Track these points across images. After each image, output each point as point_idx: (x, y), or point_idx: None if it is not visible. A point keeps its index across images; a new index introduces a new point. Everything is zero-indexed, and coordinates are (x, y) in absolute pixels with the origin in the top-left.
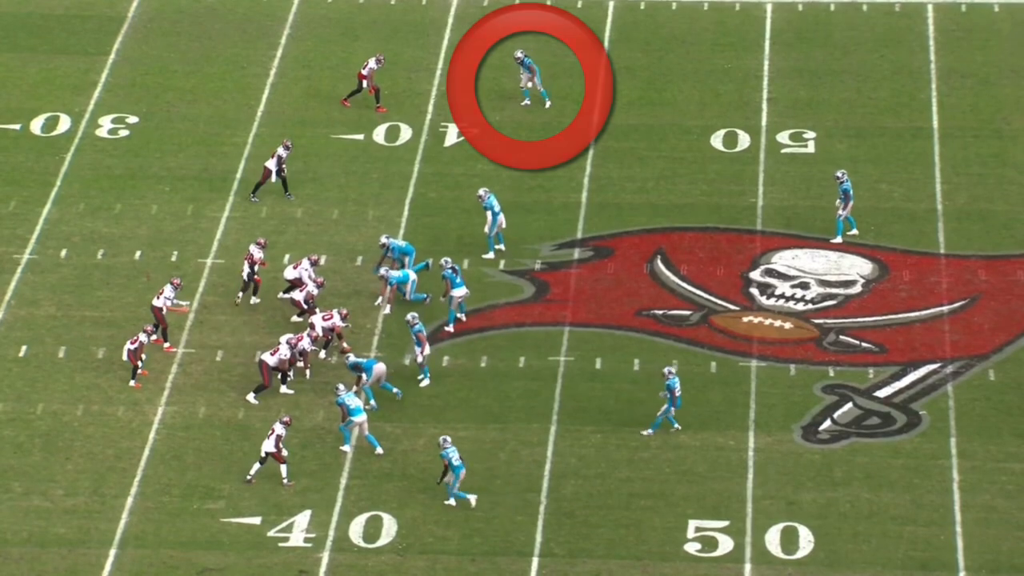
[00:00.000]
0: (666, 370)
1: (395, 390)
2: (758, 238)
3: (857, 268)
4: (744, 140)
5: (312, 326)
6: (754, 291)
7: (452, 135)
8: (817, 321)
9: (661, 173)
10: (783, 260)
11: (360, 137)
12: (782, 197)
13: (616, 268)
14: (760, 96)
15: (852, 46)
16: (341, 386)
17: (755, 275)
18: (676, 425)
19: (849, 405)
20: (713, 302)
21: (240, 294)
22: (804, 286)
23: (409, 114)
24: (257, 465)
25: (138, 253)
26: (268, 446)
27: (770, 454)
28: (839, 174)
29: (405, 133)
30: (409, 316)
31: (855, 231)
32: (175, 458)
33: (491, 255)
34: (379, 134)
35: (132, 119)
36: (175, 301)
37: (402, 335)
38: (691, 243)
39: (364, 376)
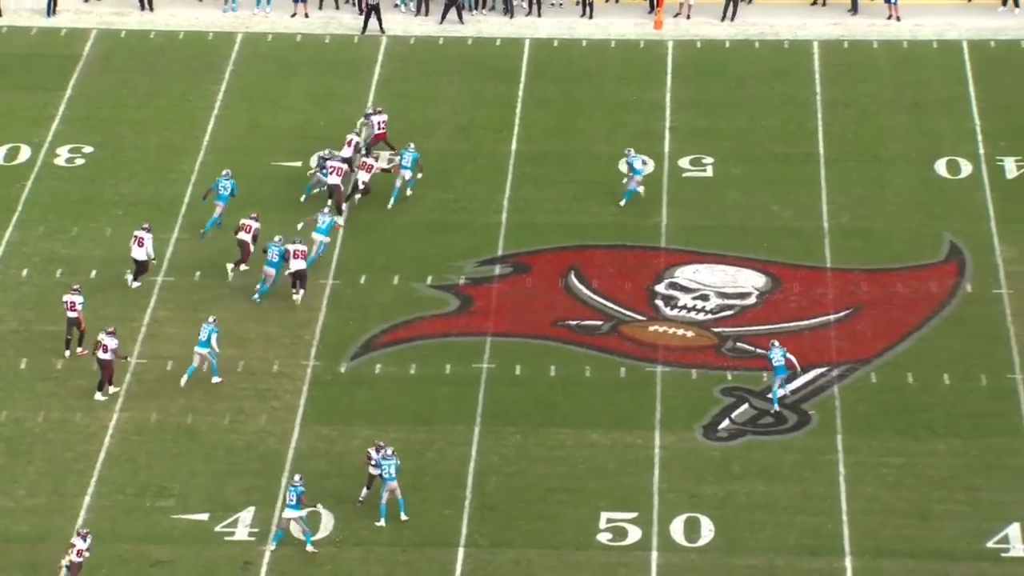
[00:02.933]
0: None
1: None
2: (662, 254)
3: (752, 281)
4: (649, 165)
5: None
6: (659, 303)
7: (383, 160)
8: (716, 330)
9: (574, 195)
10: (685, 274)
11: (298, 164)
12: (684, 217)
13: (534, 283)
14: (663, 125)
15: (746, 80)
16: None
17: (660, 288)
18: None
19: (745, 406)
20: (622, 313)
21: (242, 266)
22: (704, 298)
23: (343, 144)
24: (365, 490)
25: (94, 272)
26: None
27: (674, 451)
28: (627, 151)
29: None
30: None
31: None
32: (129, 460)
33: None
34: (315, 161)
35: (87, 149)
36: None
37: (339, 345)
38: (602, 259)
39: None
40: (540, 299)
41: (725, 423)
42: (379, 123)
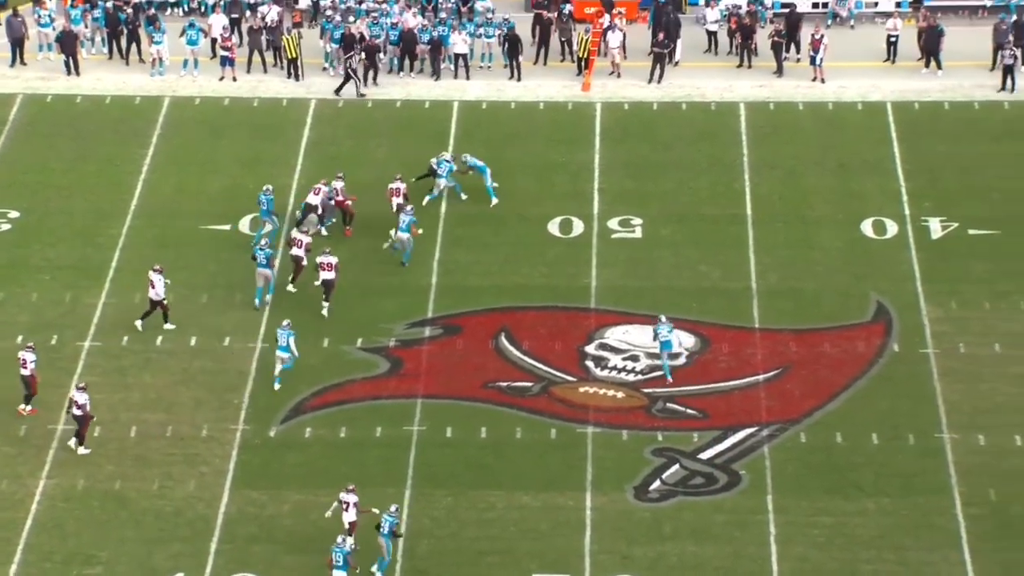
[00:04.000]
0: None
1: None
2: (592, 315)
3: (682, 341)
4: (578, 226)
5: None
6: (590, 364)
7: (313, 223)
8: (646, 390)
9: (504, 257)
10: (615, 335)
11: (227, 227)
12: (613, 278)
13: (464, 344)
14: (592, 187)
15: (673, 141)
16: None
17: (590, 349)
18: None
19: (676, 467)
20: (553, 374)
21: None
22: (634, 358)
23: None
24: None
25: (19, 337)
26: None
27: (606, 512)
28: (464, 158)
29: (267, 224)
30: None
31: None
32: (56, 527)
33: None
34: (244, 225)
35: (14, 214)
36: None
37: (269, 408)
38: (532, 321)
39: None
40: (471, 361)
41: (656, 484)
42: (338, 189)
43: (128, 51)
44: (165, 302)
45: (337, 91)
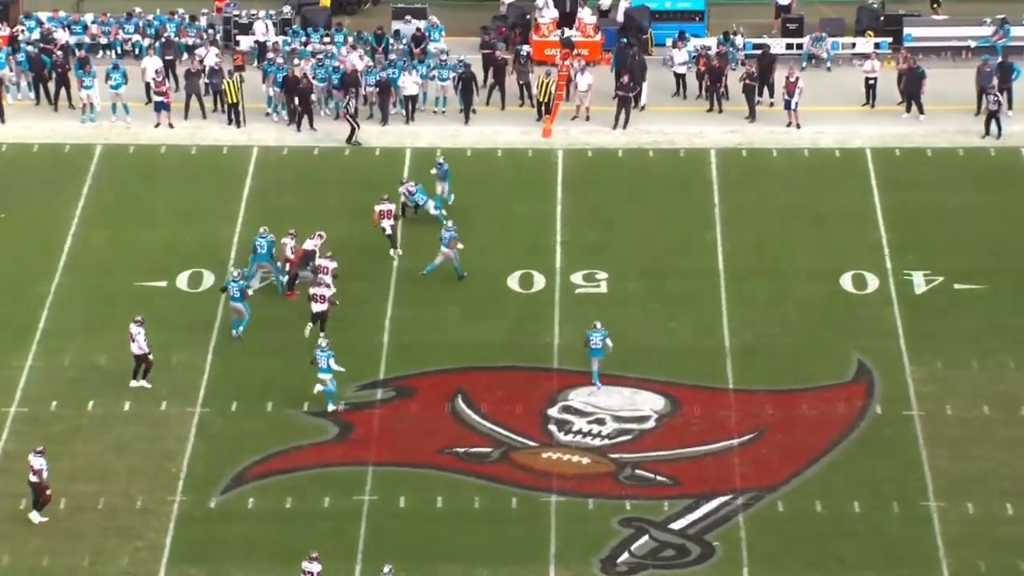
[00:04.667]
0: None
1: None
2: (555, 376)
3: (650, 403)
4: (540, 281)
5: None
6: (552, 428)
7: (255, 283)
8: (613, 456)
9: (461, 314)
10: (580, 397)
11: (163, 284)
12: (577, 336)
13: (418, 408)
14: (554, 239)
15: (640, 190)
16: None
17: (553, 412)
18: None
19: (646, 538)
20: (513, 439)
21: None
22: (600, 422)
23: (211, 262)
24: None
25: None
26: None
27: None
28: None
29: (207, 280)
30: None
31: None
32: None
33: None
34: (182, 281)
35: None
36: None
37: (209, 478)
38: (491, 382)
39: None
40: (425, 425)
41: (624, 556)
42: (288, 247)
43: (57, 96)
44: (150, 356)
45: (348, 140)
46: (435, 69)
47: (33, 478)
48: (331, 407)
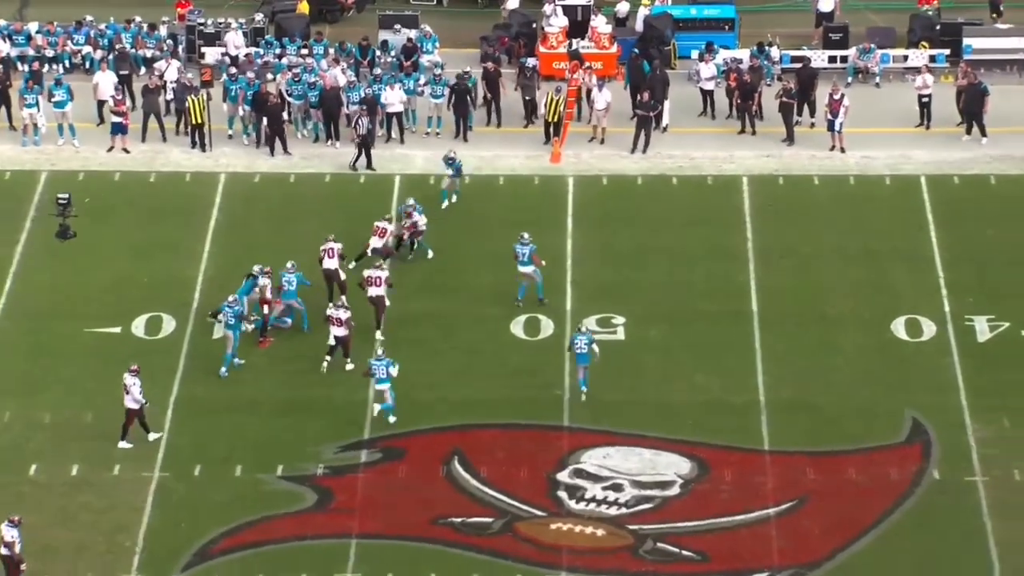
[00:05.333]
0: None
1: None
2: (565, 435)
3: (674, 467)
4: (547, 327)
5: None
6: (562, 494)
7: (220, 328)
8: (632, 527)
9: (457, 365)
10: (593, 459)
11: (117, 330)
12: (591, 390)
13: (408, 472)
14: (564, 279)
15: (662, 223)
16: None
17: (563, 476)
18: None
19: None
20: (517, 507)
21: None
22: (617, 488)
23: (172, 305)
24: None
25: None
26: None
27: None
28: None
29: (168, 325)
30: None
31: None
32: None
33: None
34: (139, 326)
35: None
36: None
37: (168, 553)
38: (491, 442)
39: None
40: (416, 492)
41: None
42: (263, 288)
43: None
44: (146, 406)
45: (368, 165)
46: (427, 84)
47: (3, 551)
48: (392, 419)
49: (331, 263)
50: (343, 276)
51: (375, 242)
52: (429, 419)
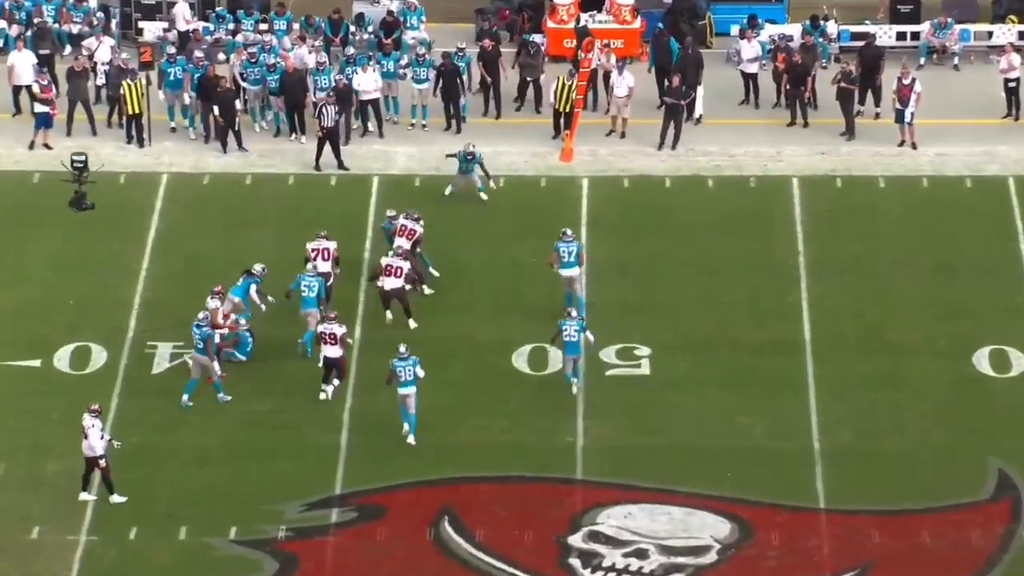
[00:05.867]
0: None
1: None
2: (578, 490)
3: (710, 529)
4: (557, 359)
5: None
6: (575, 562)
7: (165, 357)
8: None
9: (447, 403)
10: (613, 519)
11: (36, 363)
12: (608, 434)
13: (388, 534)
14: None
15: (695, 232)
16: None
17: (576, 540)
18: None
19: None
20: None
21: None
22: (641, 554)
23: (103, 332)
24: None
25: None
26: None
27: None
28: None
29: (98, 356)
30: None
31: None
32: None
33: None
34: (62, 358)
35: None
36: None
37: None
38: (488, 498)
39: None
40: (398, 558)
41: None
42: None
43: None
44: (103, 462)
45: (338, 164)
46: (408, 66)
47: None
48: (412, 440)
49: (324, 266)
50: (330, 282)
51: (402, 243)
52: (413, 470)
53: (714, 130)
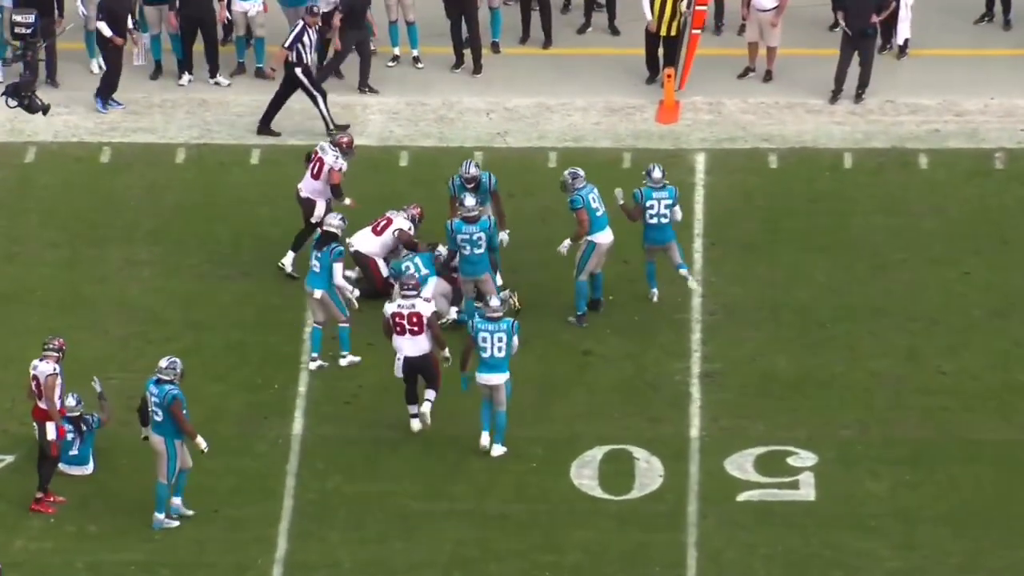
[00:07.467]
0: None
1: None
2: None
3: None
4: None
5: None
6: None
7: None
8: None
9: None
10: None
11: None
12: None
13: None
14: (689, 359)
15: (897, 243)
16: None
17: None
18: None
19: None
20: None
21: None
22: None
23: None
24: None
25: None
26: None
27: None
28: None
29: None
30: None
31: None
32: None
33: None
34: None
35: None
36: None
37: None
38: None
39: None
40: None
41: None
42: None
43: None
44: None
45: (263, 127)
46: None
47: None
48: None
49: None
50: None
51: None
52: None
53: (931, 66)
